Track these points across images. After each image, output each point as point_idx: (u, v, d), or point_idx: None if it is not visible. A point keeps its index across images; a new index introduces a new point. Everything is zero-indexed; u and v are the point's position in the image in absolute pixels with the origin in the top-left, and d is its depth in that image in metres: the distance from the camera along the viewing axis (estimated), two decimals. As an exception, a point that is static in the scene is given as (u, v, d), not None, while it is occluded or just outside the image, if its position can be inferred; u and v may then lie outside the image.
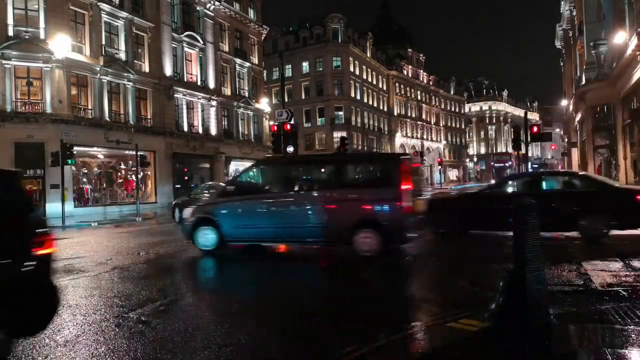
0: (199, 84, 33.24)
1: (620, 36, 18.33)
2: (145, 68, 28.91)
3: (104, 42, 26.05)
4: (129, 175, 28.11)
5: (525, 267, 4.14)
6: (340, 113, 56.49)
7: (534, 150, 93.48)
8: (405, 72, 73.23)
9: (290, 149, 20.76)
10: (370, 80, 63.54)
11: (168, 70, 30.16)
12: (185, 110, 31.77)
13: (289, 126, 20.53)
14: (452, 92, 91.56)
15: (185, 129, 31.68)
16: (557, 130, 74.52)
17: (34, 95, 23.38)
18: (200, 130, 33.16)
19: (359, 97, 59.49)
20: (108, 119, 26.02)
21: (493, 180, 70.61)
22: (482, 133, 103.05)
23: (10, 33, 22.44)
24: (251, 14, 40.23)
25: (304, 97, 57.59)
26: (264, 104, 41.18)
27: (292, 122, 21.50)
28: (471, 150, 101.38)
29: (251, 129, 39.35)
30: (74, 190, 24.18)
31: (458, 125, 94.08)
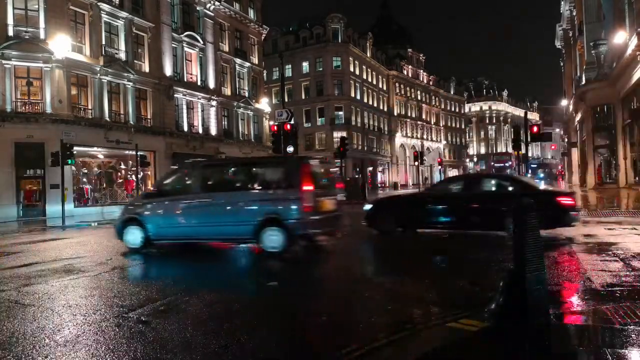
0: (199, 84, 33.24)
1: (620, 36, 18.34)
2: (145, 68, 28.92)
3: (104, 42, 26.06)
4: (129, 175, 28.13)
5: (525, 267, 4.14)
6: (340, 113, 56.49)
7: (534, 150, 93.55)
8: (405, 72, 73.25)
9: (290, 149, 20.79)
10: (370, 80, 63.54)
11: (168, 70, 30.16)
12: (185, 110, 31.77)
13: (289, 126, 20.56)
14: (452, 92, 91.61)
15: (185, 129, 31.68)
16: (557, 130, 74.49)
17: (34, 95, 23.40)
18: (200, 130, 33.16)
19: (359, 97, 59.49)
20: (108, 119, 26.03)
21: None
22: (482, 133, 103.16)
23: (10, 33, 22.47)
24: (251, 14, 40.24)
25: (304, 97, 57.61)
26: (264, 104, 41.19)
27: (292, 122, 21.53)
28: (471, 150, 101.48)
29: (251, 129, 39.35)
30: (74, 190, 24.20)
31: (458, 125, 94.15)
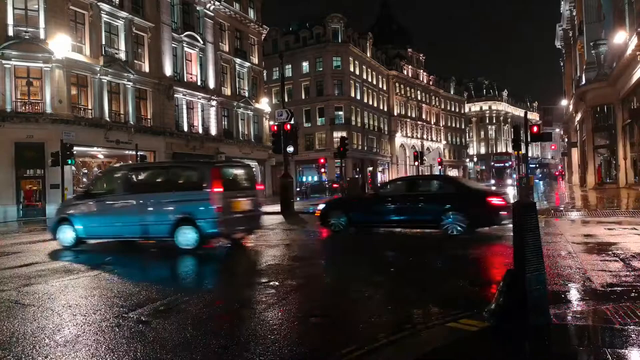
0: (199, 84, 33.24)
1: (620, 36, 18.33)
2: (145, 68, 28.92)
3: (104, 42, 26.06)
4: (128, 175, 28.09)
5: (525, 267, 4.14)
6: (340, 113, 56.47)
7: (534, 150, 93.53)
8: (405, 72, 73.22)
9: (290, 149, 20.79)
10: (370, 80, 63.52)
11: (168, 70, 30.16)
12: (185, 110, 31.77)
13: (289, 126, 20.54)
14: (452, 92, 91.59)
15: (185, 129, 31.68)
16: (557, 130, 74.43)
17: (34, 95, 23.40)
18: (200, 130, 33.16)
19: (359, 97, 59.46)
20: (108, 119, 26.03)
21: (492, 180, 70.99)
22: (482, 133, 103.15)
23: (10, 33, 22.48)
24: (251, 14, 40.24)
25: (304, 97, 57.58)
26: (264, 104, 41.19)
27: (292, 122, 21.52)
28: (471, 150, 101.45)
29: (251, 129, 39.34)
30: (74, 190, 24.17)
31: (458, 125, 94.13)
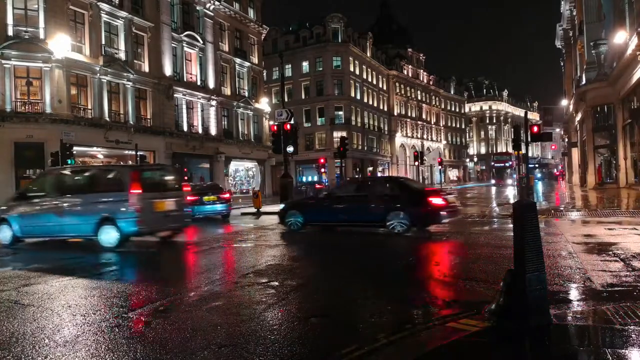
0: (199, 83, 33.23)
1: (620, 36, 18.31)
2: (145, 68, 28.90)
3: (103, 42, 26.04)
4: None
5: (525, 267, 4.13)
6: (340, 113, 56.44)
7: (534, 150, 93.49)
8: (405, 72, 73.18)
9: (290, 149, 20.79)
10: (370, 80, 63.49)
11: (168, 70, 30.14)
12: (185, 110, 31.76)
13: (288, 126, 20.54)
14: (452, 92, 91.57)
15: (185, 128, 31.67)
16: (558, 130, 74.35)
17: (33, 95, 23.38)
18: (200, 130, 33.15)
19: (359, 97, 59.44)
20: (108, 119, 26.02)
21: (493, 180, 70.99)
22: (482, 133, 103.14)
23: (10, 33, 22.47)
24: (251, 13, 40.21)
25: (303, 97, 57.56)
26: (263, 104, 41.17)
27: (292, 122, 21.53)
28: (471, 150, 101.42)
29: (251, 128, 39.32)
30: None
31: (458, 125, 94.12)
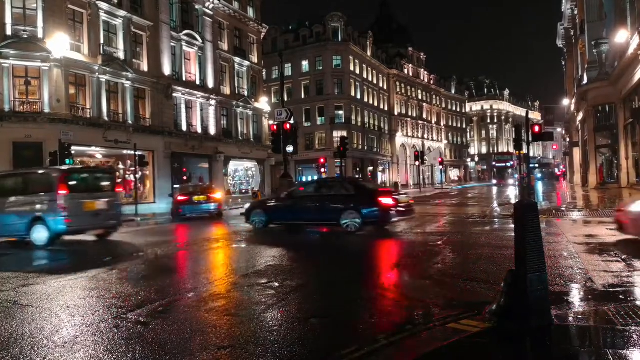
0: (198, 83, 33.17)
1: (621, 35, 18.26)
2: (144, 67, 28.84)
3: (102, 41, 25.97)
4: (127, 175, 28.04)
5: (526, 268, 4.11)
6: (340, 112, 56.37)
7: (535, 149, 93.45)
8: (405, 71, 73.08)
9: (290, 149, 20.76)
10: (370, 79, 63.41)
11: (167, 70, 30.09)
12: (184, 110, 31.70)
13: (288, 125, 20.51)
14: (453, 91, 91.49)
15: (184, 128, 31.61)
16: (559, 129, 74.30)
17: (32, 95, 23.31)
18: (199, 130, 33.09)
19: (359, 97, 59.37)
20: (106, 119, 25.95)
21: (494, 180, 70.90)
22: (484, 132, 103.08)
23: (9, 32, 22.41)
24: (250, 12, 40.15)
25: (303, 97, 57.47)
26: (263, 103, 41.11)
27: (292, 122, 21.50)
28: (472, 150, 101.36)
29: (250, 128, 39.26)
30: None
31: (459, 125, 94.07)
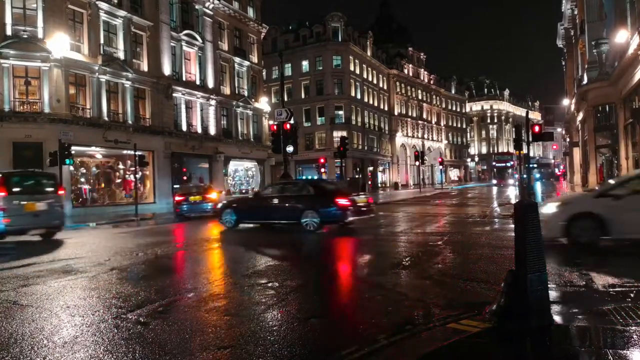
0: (198, 83, 33.16)
1: (621, 35, 18.24)
2: (144, 67, 28.83)
3: (102, 41, 25.96)
4: (127, 175, 28.03)
5: (526, 268, 4.11)
6: (341, 112, 56.35)
7: (535, 150, 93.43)
8: (405, 71, 73.06)
9: (289, 149, 20.75)
10: (370, 79, 63.39)
11: (167, 70, 30.08)
12: (184, 110, 31.69)
13: (288, 125, 20.50)
14: (453, 91, 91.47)
15: (184, 128, 31.60)
16: (559, 129, 74.27)
17: (32, 95, 23.31)
18: (199, 130, 33.08)
19: (359, 97, 59.35)
20: (106, 119, 25.94)
21: (494, 180, 70.85)
22: (484, 132, 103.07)
23: (9, 32, 22.40)
24: (250, 12, 40.14)
25: (303, 96, 57.46)
26: (263, 103, 41.10)
27: (292, 122, 21.48)
28: (472, 150, 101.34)
29: (250, 128, 39.25)
30: (72, 190, 24.11)
31: (459, 125, 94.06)
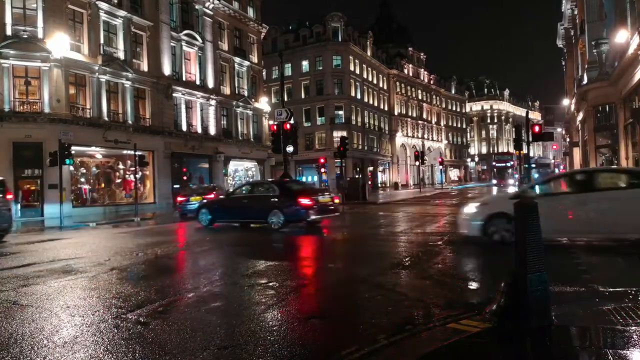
0: (198, 83, 33.17)
1: (621, 35, 18.23)
2: (144, 67, 28.83)
3: (102, 41, 25.96)
4: (127, 175, 28.03)
5: (526, 268, 4.10)
6: (341, 112, 56.34)
7: (535, 150, 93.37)
8: (405, 71, 73.05)
9: (289, 149, 20.76)
10: (370, 79, 63.37)
11: (167, 70, 30.08)
12: (184, 110, 31.69)
13: (288, 125, 20.50)
14: (453, 91, 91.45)
15: (184, 128, 31.60)
16: (559, 129, 74.26)
17: (32, 95, 23.31)
18: (199, 130, 33.08)
19: (359, 97, 59.34)
20: (106, 119, 25.95)
21: (494, 180, 70.90)
22: (484, 132, 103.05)
23: (9, 32, 22.41)
24: (250, 12, 40.14)
25: (303, 96, 57.44)
26: (263, 103, 41.10)
27: (292, 122, 21.49)
28: (472, 150, 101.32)
29: (250, 128, 39.26)
30: (72, 190, 24.11)
31: (459, 125, 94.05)
